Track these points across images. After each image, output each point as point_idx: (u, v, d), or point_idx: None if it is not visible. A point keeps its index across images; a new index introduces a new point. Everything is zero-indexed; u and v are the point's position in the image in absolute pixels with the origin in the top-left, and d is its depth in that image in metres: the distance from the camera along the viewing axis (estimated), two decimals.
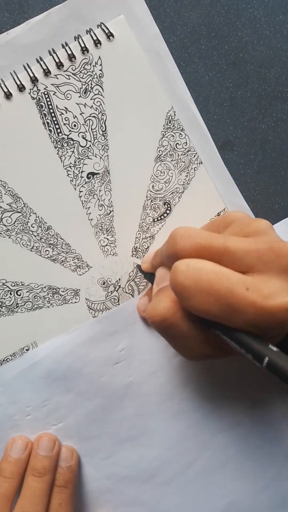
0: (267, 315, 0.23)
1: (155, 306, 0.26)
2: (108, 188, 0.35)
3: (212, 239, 0.24)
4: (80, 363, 0.35)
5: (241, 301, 0.23)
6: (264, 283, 0.23)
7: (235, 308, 0.23)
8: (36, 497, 0.32)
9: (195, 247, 0.24)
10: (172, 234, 0.26)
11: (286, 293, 0.23)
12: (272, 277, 0.24)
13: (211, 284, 0.23)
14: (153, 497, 0.36)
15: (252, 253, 0.24)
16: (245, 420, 0.37)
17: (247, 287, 0.23)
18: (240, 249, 0.24)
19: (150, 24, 0.35)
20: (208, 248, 0.24)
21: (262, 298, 0.23)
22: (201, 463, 0.37)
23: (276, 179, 0.37)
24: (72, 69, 0.34)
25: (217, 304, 0.23)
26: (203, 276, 0.23)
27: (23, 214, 0.34)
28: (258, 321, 0.23)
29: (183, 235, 0.25)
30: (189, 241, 0.25)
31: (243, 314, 0.23)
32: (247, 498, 0.37)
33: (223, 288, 0.23)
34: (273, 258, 0.24)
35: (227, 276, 0.23)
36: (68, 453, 0.35)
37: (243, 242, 0.25)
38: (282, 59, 0.37)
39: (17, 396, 0.35)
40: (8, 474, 0.33)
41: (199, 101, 0.36)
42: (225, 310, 0.23)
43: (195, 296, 0.23)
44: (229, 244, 0.24)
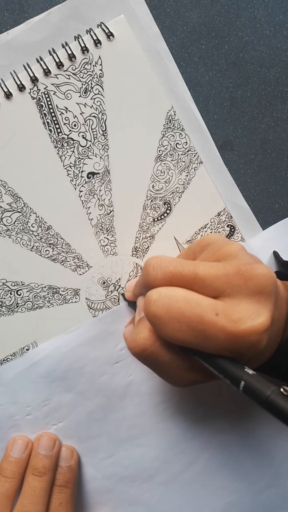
0: (238, 339, 0.23)
1: (134, 337, 0.26)
2: (108, 188, 0.35)
3: (182, 267, 0.25)
4: (80, 363, 0.35)
5: (212, 327, 0.23)
6: (234, 307, 0.24)
7: (206, 334, 0.23)
8: (36, 497, 0.32)
9: (166, 276, 0.25)
10: (144, 265, 0.26)
11: (255, 316, 0.24)
12: (242, 300, 0.24)
13: (182, 311, 0.23)
14: (153, 497, 0.36)
15: (221, 278, 0.24)
16: (244, 420, 0.37)
17: (216, 312, 0.23)
18: (209, 275, 0.24)
19: (150, 24, 0.35)
20: (179, 276, 0.25)
21: (232, 323, 0.23)
22: (201, 463, 0.37)
23: (276, 179, 0.37)
24: (72, 69, 0.34)
25: (189, 331, 0.23)
26: (173, 304, 0.24)
27: (23, 214, 0.35)
28: (231, 345, 0.23)
29: (154, 265, 0.25)
30: (160, 270, 0.25)
31: (215, 340, 0.23)
32: (247, 498, 0.37)
33: (193, 315, 0.23)
34: (241, 281, 0.24)
35: (198, 302, 0.24)
36: (68, 453, 0.35)
37: (212, 267, 0.25)
38: (282, 59, 0.37)
39: (17, 395, 0.35)
40: (9, 474, 0.33)
41: (199, 101, 0.36)
42: (197, 337, 0.23)
43: (168, 324, 0.24)
44: (198, 270, 0.24)
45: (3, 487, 0.32)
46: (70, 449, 0.35)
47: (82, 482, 0.36)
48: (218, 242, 0.28)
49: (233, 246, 0.27)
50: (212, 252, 0.27)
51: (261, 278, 0.24)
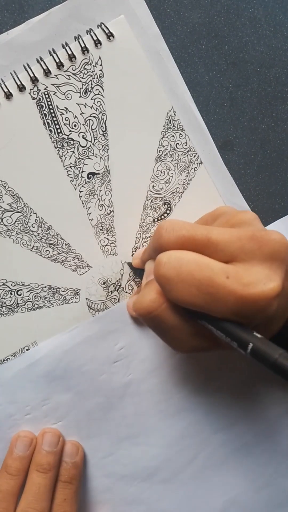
0: (248, 302, 0.23)
1: (141, 299, 0.26)
2: (108, 188, 0.35)
3: (195, 231, 0.25)
4: (79, 362, 0.35)
5: (222, 289, 0.23)
6: (246, 271, 0.24)
7: (216, 297, 0.23)
8: (41, 494, 0.32)
9: (179, 239, 0.25)
10: (157, 228, 0.26)
11: (267, 280, 0.24)
12: (254, 265, 0.24)
13: (192, 274, 0.23)
14: (152, 495, 0.37)
15: (234, 243, 0.24)
16: (244, 418, 0.37)
17: (227, 275, 0.23)
18: (222, 239, 0.24)
19: (150, 24, 0.35)
20: (192, 240, 0.25)
21: (242, 286, 0.23)
22: (200, 461, 0.37)
23: (276, 179, 0.37)
24: (73, 69, 0.34)
25: (198, 294, 0.23)
26: (184, 266, 0.24)
27: (23, 214, 0.35)
28: (240, 309, 0.23)
29: (167, 228, 0.25)
30: (173, 233, 0.25)
31: (224, 303, 0.23)
32: (247, 496, 0.37)
33: (203, 278, 0.23)
34: (255, 246, 0.24)
35: (208, 265, 0.24)
36: (73, 449, 0.35)
37: (226, 232, 0.25)
38: (282, 59, 0.37)
39: (17, 395, 0.35)
40: (13, 471, 0.33)
41: (199, 101, 0.36)
42: (207, 299, 0.23)
43: (177, 286, 0.24)
44: (211, 235, 0.25)
45: (8, 484, 0.33)
46: (75, 445, 0.35)
47: (82, 481, 0.36)
48: (232, 211, 0.28)
49: (248, 214, 0.27)
50: (225, 219, 0.27)
51: (276, 244, 0.24)
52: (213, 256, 0.24)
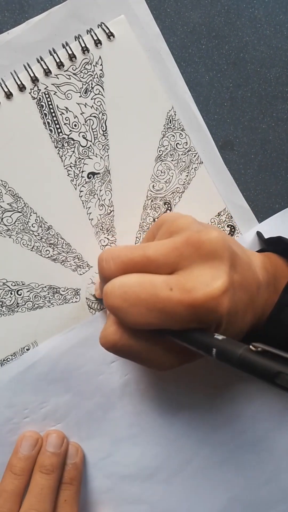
0: (196, 308, 0.23)
1: (104, 333, 0.26)
2: (109, 188, 0.35)
3: (132, 254, 0.25)
4: (77, 363, 0.35)
5: (169, 303, 0.23)
6: (187, 277, 0.24)
7: (166, 311, 0.23)
8: (43, 495, 0.32)
9: (119, 266, 0.25)
10: (98, 260, 0.26)
11: (209, 281, 0.23)
12: (195, 269, 0.24)
13: (137, 295, 0.23)
14: (154, 494, 0.36)
15: (172, 253, 0.24)
16: (243, 415, 0.37)
17: (171, 287, 0.23)
18: (160, 254, 0.24)
19: (150, 24, 0.35)
20: (132, 263, 0.25)
21: (186, 293, 0.23)
22: (201, 459, 0.37)
23: (276, 179, 0.37)
24: (73, 69, 0.34)
25: (150, 313, 0.23)
26: (128, 290, 0.24)
27: (23, 214, 0.35)
28: (193, 316, 0.23)
29: (106, 259, 0.25)
30: (112, 262, 0.25)
31: (176, 315, 0.23)
32: (248, 493, 0.37)
33: (149, 296, 0.23)
34: (192, 250, 0.24)
35: (151, 283, 0.23)
36: (73, 450, 0.35)
37: (161, 245, 0.25)
38: (283, 59, 0.37)
39: (14, 399, 0.35)
40: (18, 471, 0.33)
41: (200, 101, 0.36)
42: (159, 317, 0.23)
43: (128, 311, 0.24)
44: (148, 253, 0.24)
45: (12, 484, 0.33)
46: (75, 446, 0.35)
47: (82, 482, 0.36)
48: (171, 218, 0.27)
49: (184, 219, 0.27)
50: (164, 230, 0.27)
51: (211, 243, 0.24)
52: (158, 271, 0.24)
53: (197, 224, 0.26)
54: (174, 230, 0.26)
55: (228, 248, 0.25)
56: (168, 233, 0.27)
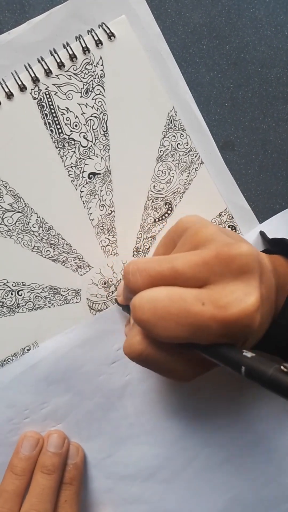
0: (230, 324, 0.23)
1: (129, 343, 0.26)
2: (109, 188, 0.35)
3: (160, 267, 0.24)
4: (77, 363, 0.35)
5: (200, 318, 0.23)
6: (220, 293, 0.23)
7: (197, 326, 0.23)
8: (44, 495, 0.32)
9: (146, 280, 0.24)
10: (123, 273, 0.26)
11: (244, 296, 0.23)
12: (227, 284, 0.24)
13: (167, 310, 0.23)
14: (154, 495, 0.36)
15: (201, 267, 0.24)
16: (244, 416, 0.37)
17: (202, 302, 0.23)
18: (189, 267, 0.24)
19: (151, 24, 0.35)
20: (159, 277, 0.24)
21: (220, 308, 0.23)
22: (202, 460, 0.37)
23: (277, 179, 0.37)
24: (74, 69, 0.34)
25: (179, 327, 0.23)
26: (157, 304, 0.23)
27: (24, 214, 0.34)
28: (224, 331, 0.23)
29: (132, 272, 0.25)
30: (140, 275, 0.25)
31: (207, 330, 0.23)
32: (249, 494, 0.37)
33: (180, 311, 0.23)
34: (222, 265, 0.24)
35: (181, 297, 0.23)
36: (73, 450, 0.35)
37: (190, 258, 0.24)
38: (283, 59, 0.37)
39: (15, 399, 0.35)
40: (19, 471, 0.33)
41: (200, 101, 0.36)
42: (189, 331, 0.23)
43: (157, 326, 0.23)
44: (177, 266, 0.24)
45: (13, 484, 0.33)
46: (75, 446, 0.35)
47: (83, 482, 0.36)
48: (193, 226, 0.27)
49: (208, 229, 0.26)
50: (188, 239, 0.27)
51: (242, 258, 0.24)
52: (185, 285, 0.24)
53: (223, 235, 0.26)
54: (200, 241, 0.26)
55: (258, 262, 0.24)
56: (192, 244, 0.26)
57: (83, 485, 0.36)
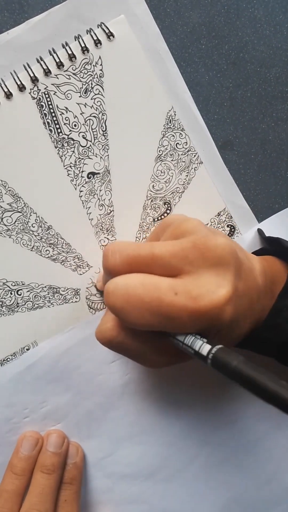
0: (200, 315, 0.23)
1: (101, 328, 0.26)
2: (109, 187, 0.35)
3: (139, 249, 0.25)
4: (77, 363, 0.35)
5: (172, 308, 0.23)
6: (193, 283, 0.23)
7: (169, 316, 0.23)
8: (45, 495, 0.32)
9: (124, 259, 0.25)
10: (104, 251, 0.26)
11: (215, 288, 0.23)
12: (201, 275, 0.24)
13: (140, 298, 0.23)
14: (154, 494, 0.37)
15: (178, 254, 0.24)
16: (244, 415, 0.37)
17: (176, 292, 0.23)
18: (166, 252, 0.24)
19: (150, 24, 0.35)
20: (137, 258, 0.24)
21: (192, 299, 0.23)
22: (202, 459, 0.37)
23: (276, 179, 0.37)
24: (73, 69, 0.34)
25: (151, 316, 0.23)
26: (131, 291, 0.23)
27: (23, 214, 0.35)
28: (195, 322, 0.23)
29: (112, 250, 0.25)
30: (119, 254, 0.25)
31: (178, 320, 0.23)
32: (249, 493, 0.37)
33: (152, 299, 0.23)
34: (198, 255, 0.24)
35: (156, 285, 0.23)
36: (73, 450, 0.35)
37: (169, 245, 0.24)
38: (283, 59, 0.37)
39: (14, 398, 0.35)
40: (19, 471, 0.33)
41: (199, 101, 0.36)
42: (161, 320, 0.23)
43: (130, 313, 0.23)
44: (155, 250, 0.24)
45: (13, 484, 0.33)
46: (75, 446, 0.35)
47: (83, 482, 0.36)
48: (177, 221, 0.27)
49: (190, 222, 0.26)
50: (170, 231, 0.27)
51: (217, 249, 0.24)
52: (161, 272, 0.24)
53: (204, 228, 0.26)
54: (180, 233, 0.26)
55: (234, 256, 0.25)
56: (173, 235, 0.26)
57: (83, 485, 0.36)
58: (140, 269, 0.24)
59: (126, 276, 0.24)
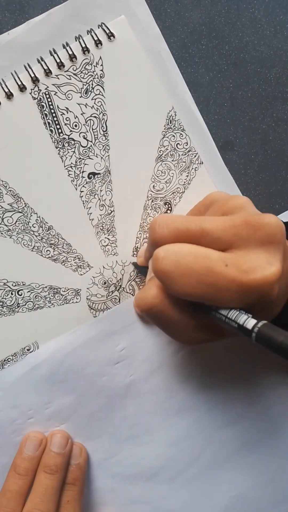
0: (250, 289, 0.23)
1: (142, 295, 0.26)
2: (109, 188, 0.35)
3: (188, 222, 0.24)
4: (81, 364, 0.35)
5: (222, 278, 0.23)
6: (244, 258, 0.23)
7: (217, 286, 0.23)
8: (47, 495, 0.32)
9: (173, 233, 0.24)
10: (151, 224, 0.26)
11: (266, 265, 0.23)
12: (251, 250, 0.24)
13: (190, 265, 0.23)
14: (157, 495, 0.37)
15: (229, 230, 0.24)
16: (247, 415, 0.37)
17: (226, 263, 0.23)
18: (216, 228, 0.24)
19: (151, 24, 0.35)
20: (186, 232, 0.24)
21: (242, 273, 0.23)
22: (204, 459, 0.37)
23: (276, 179, 0.38)
24: (73, 69, 0.34)
25: (199, 285, 0.23)
26: (181, 259, 0.23)
27: (24, 214, 0.35)
28: (242, 296, 0.23)
29: (160, 223, 0.25)
30: (167, 228, 0.25)
31: (226, 291, 0.23)
32: (252, 493, 0.37)
33: (202, 268, 0.23)
34: (250, 231, 0.24)
35: (206, 255, 0.23)
36: (77, 450, 0.35)
37: (219, 220, 0.24)
38: (283, 59, 0.37)
39: (19, 399, 0.35)
40: (22, 471, 0.33)
41: (200, 101, 0.36)
42: (208, 290, 0.23)
43: (177, 280, 0.23)
44: (205, 225, 0.24)
45: (16, 484, 0.33)
46: (78, 447, 0.35)
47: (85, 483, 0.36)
48: (223, 198, 0.27)
49: (239, 199, 0.26)
50: (217, 207, 0.27)
51: (270, 227, 0.24)
52: (210, 246, 0.24)
53: (253, 206, 0.26)
54: (229, 209, 0.26)
55: (284, 236, 0.25)
56: (221, 212, 0.26)
57: (86, 485, 0.36)
58: (188, 242, 0.24)
59: (177, 244, 0.24)
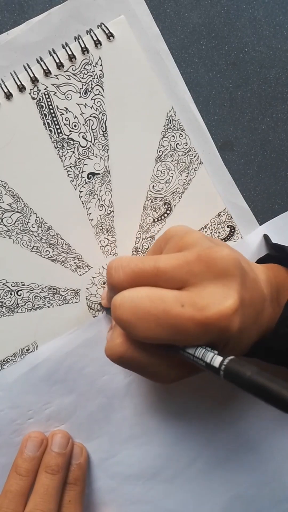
0: (207, 326, 0.23)
1: (110, 345, 0.26)
2: (109, 188, 0.35)
3: (143, 264, 0.24)
4: (80, 364, 0.35)
5: (179, 319, 0.23)
6: (199, 294, 0.23)
7: (176, 328, 0.23)
8: (48, 495, 0.32)
9: (129, 275, 0.25)
10: (107, 268, 0.26)
11: (222, 299, 0.23)
12: (207, 286, 0.24)
13: (147, 310, 0.23)
14: (157, 494, 0.37)
15: (182, 267, 0.24)
16: (246, 416, 0.37)
17: (182, 303, 0.23)
18: (170, 266, 0.24)
19: (150, 25, 0.35)
20: (141, 273, 0.24)
21: (198, 311, 0.23)
22: (204, 459, 0.37)
23: (276, 179, 0.37)
24: (73, 69, 0.34)
25: (159, 328, 0.23)
26: (138, 304, 0.23)
27: (23, 214, 0.35)
28: (203, 333, 0.23)
29: (116, 267, 0.25)
30: (122, 271, 0.25)
31: (186, 331, 0.23)
32: (251, 492, 0.37)
33: (159, 311, 0.23)
34: (203, 267, 0.24)
35: (162, 298, 0.23)
36: (77, 450, 0.35)
37: (172, 258, 0.24)
38: (282, 60, 0.37)
39: (18, 400, 0.35)
40: (23, 472, 0.33)
41: (199, 102, 0.36)
42: (168, 332, 0.23)
43: (137, 326, 0.23)
44: (159, 264, 0.24)
45: (17, 485, 0.33)
46: (79, 447, 0.35)
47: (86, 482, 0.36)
48: (180, 233, 0.27)
49: (193, 234, 0.26)
50: (174, 243, 0.27)
51: (222, 260, 0.24)
52: (166, 285, 0.24)
53: (207, 240, 0.26)
54: (184, 245, 0.26)
55: (239, 266, 0.25)
56: (177, 248, 0.26)
57: (87, 486, 0.36)
58: (145, 284, 0.24)
59: (133, 289, 0.24)
